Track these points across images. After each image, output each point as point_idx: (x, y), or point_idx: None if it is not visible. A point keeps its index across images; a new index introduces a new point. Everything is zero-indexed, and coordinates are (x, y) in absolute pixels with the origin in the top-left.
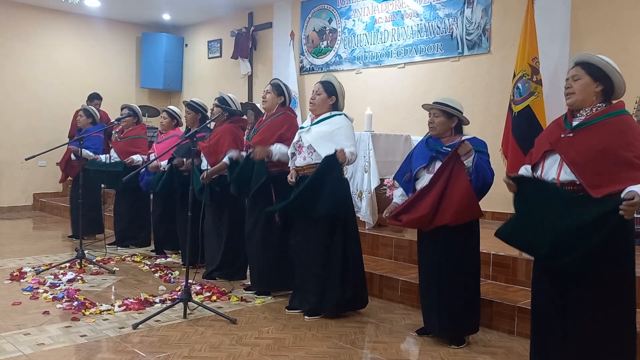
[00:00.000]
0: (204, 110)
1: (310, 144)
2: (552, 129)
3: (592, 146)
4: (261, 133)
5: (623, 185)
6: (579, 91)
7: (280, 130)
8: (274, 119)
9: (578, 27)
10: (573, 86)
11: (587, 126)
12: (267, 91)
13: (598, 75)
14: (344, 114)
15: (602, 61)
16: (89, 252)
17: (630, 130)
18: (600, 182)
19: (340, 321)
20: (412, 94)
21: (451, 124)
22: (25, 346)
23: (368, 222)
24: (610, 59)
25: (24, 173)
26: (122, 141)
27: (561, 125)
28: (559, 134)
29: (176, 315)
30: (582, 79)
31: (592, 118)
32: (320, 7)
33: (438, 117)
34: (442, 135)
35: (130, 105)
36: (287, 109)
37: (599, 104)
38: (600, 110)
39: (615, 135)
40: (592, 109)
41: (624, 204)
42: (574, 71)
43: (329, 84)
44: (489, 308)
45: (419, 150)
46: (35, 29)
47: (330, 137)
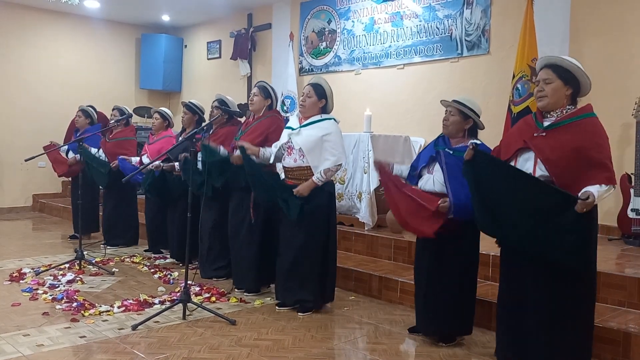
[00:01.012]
0: (201, 111)
1: (301, 148)
2: (522, 128)
3: (565, 145)
4: (249, 134)
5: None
6: (551, 94)
7: (267, 131)
8: (261, 121)
9: (577, 27)
10: (545, 89)
11: (559, 127)
12: (254, 94)
13: (568, 77)
14: (333, 118)
15: (572, 65)
16: (88, 253)
17: (599, 132)
18: (570, 180)
19: (340, 322)
20: (412, 95)
21: (465, 125)
22: (25, 347)
23: (367, 223)
24: (576, 59)
25: (24, 174)
26: (111, 142)
27: (532, 124)
28: (531, 133)
29: (175, 317)
30: (553, 82)
31: (563, 119)
32: (320, 8)
33: (453, 115)
34: (454, 135)
35: (120, 107)
36: (274, 111)
37: (568, 106)
38: (571, 112)
39: (586, 137)
40: (562, 111)
41: (579, 202)
42: (545, 74)
43: (319, 86)
44: (489, 309)
45: (428, 148)
46: (35, 30)
47: (320, 143)
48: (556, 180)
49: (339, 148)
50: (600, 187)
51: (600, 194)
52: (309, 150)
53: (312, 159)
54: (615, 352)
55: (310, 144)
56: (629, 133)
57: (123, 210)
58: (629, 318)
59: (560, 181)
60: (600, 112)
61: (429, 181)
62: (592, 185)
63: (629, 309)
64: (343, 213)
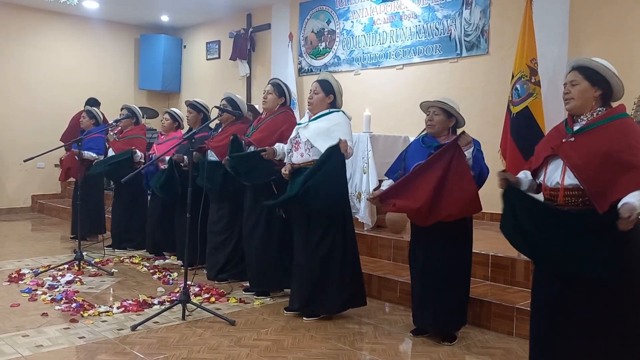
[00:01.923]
0: (206, 110)
1: (308, 140)
2: (552, 135)
3: (594, 150)
4: (261, 131)
5: (625, 192)
6: (578, 97)
7: (281, 128)
8: (274, 117)
9: (576, 28)
10: (572, 92)
11: (589, 130)
12: (268, 91)
13: (596, 79)
14: (342, 111)
15: (600, 65)
16: (87, 253)
17: (632, 133)
18: (603, 187)
19: (339, 322)
20: (411, 95)
21: (449, 123)
22: (24, 348)
23: (367, 223)
24: (607, 61)
25: (23, 175)
26: (121, 140)
27: (561, 130)
28: (560, 139)
29: (175, 317)
30: (580, 84)
31: (593, 122)
32: (319, 9)
33: (438, 115)
34: (440, 134)
35: (129, 106)
36: (287, 108)
37: (599, 108)
38: (601, 115)
39: (617, 138)
40: (592, 114)
41: (620, 222)
42: (572, 76)
43: (326, 82)
44: (488, 309)
45: (415, 148)
46: (34, 31)
47: (328, 133)
48: (586, 187)
49: (348, 135)
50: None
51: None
52: (315, 139)
53: (320, 145)
54: None
55: (317, 135)
56: None
57: (133, 214)
58: None
59: (591, 187)
60: None
61: None
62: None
63: None
64: None
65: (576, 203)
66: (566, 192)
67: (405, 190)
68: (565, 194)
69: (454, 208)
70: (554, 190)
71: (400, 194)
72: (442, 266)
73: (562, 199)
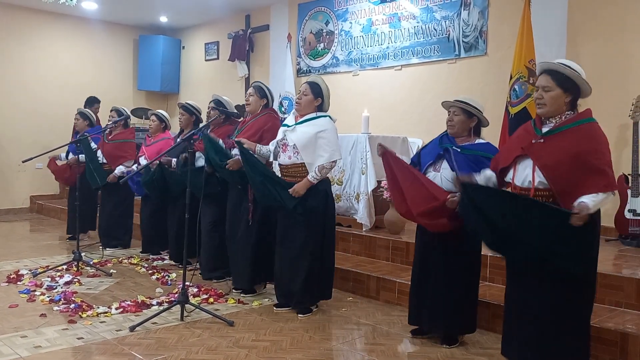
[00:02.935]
0: (198, 112)
1: (295, 144)
2: (521, 135)
3: (563, 151)
4: (245, 132)
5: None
6: (550, 103)
7: (262, 129)
8: (257, 119)
9: (574, 29)
10: (544, 97)
11: (558, 133)
12: (250, 94)
13: (568, 85)
14: (329, 115)
15: (573, 72)
16: (85, 254)
17: (598, 138)
18: (569, 187)
19: (338, 323)
20: (409, 96)
21: (470, 124)
22: (22, 349)
23: (365, 224)
24: (577, 65)
25: (21, 175)
26: (110, 144)
27: (530, 131)
28: (529, 140)
29: (173, 318)
30: (552, 90)
31: (562, 125)
32: (317, 10)
33: (458, 115)
34: (460, 134)
35: (118, 108)
36: (269, 109)
37: (567, 112)
38: (570, 118)
39: (585, 142)
40: (561, 117)
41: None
42: (544, 81)
43: (315, 85)
44: (487, 310)
45: (431, 146)
46: (32, 32)
47: (314, 140)
48: (555, 188)
49: (333, 145)
50: (596, 196)
51: (596, 203)
52: (303, 146)
53: (306, 156)
54: (612, 353)
55: (304, 141)
56: (626, 134)
57: (121, 212)
58: (626, 319)
59: (558, 188)
60: (597, 114)
61: (436, 179)
62: (588, 194)
63: (626, 310)
64: (341, 214)
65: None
66: (537, 192)
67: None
68: (535, 193)
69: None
70: (524, 190)
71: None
72: (444, 268)
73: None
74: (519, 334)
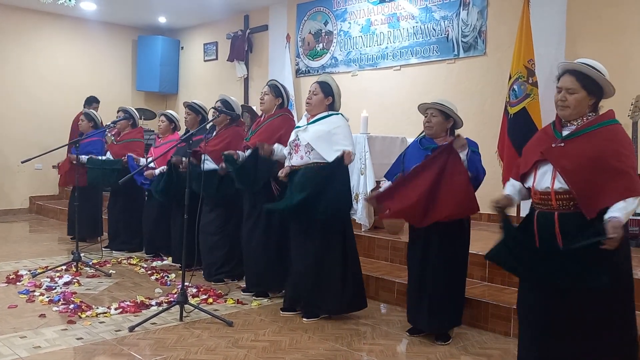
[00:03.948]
0: (204, 111)
1: (308, 143)
2: (540, 138)
3: (584, 155)
4: (260, 134)
5: (612, 198)
6: (574, 105)
7: (279, 132)
8: (272, 120)
9: (573, 29)
10: (568, 99)
11: (579, 136)
12: (264, 92)
13: (593, 88)
14: (341, 113)
15: (599, 74)
16: (85, 255)
17: (620, 140)
18: (591, 192)
19: (337, 323)
20: (408, 96)
21: (447, 125)
22: (22, 349)
23: (364, 224)
24: (601, 65)
25: (20, 176)
26: (119, 144)
27: (550, 134)
28: (549, 144)
29: (172, 318)
30: (577, 92)
31: (583, 128)
32: (316, 10)
33: (436, 117)
34: (438, 135)
35: (126, 108)
36: (285, 110)
37: (589, 114)
38: (591, 120)
39: (606, 145)
40: (583, 119)
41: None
42: (569, 82)
43: (325, 84)
44: (485, 310)
45: (412, 150)
46: (31, 32)
47: (328, 136)
48: (575, 191)
49: (349, 139)
50: (625, 205)
51: (628, 213)
52: (317, 143)
53: (322, 150)
54: None
55: (317, 139)
56: None
57: (129, 216)
58: None
59: (580, 192)
60: None
61: None
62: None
63: None
64: None
65: (568, 206)
66: (557, 195)
67: (400, 193)
68: (557, 197)
69: (450, 209)
70: (544, 194)
71: (394, 197)
72: (439, 266)
73: (554, 203)
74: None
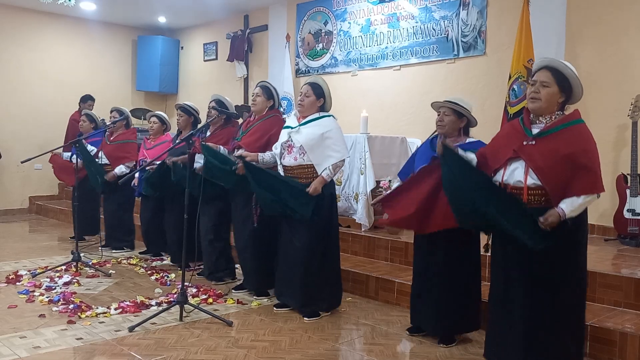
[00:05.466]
0: (196, 113)
1: (302, 145)
2: (510, 133)
3: (555, 153)
4: (251, 134)
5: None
6: (545, 99)
7: (270, 132)
8: (263, 121)
9: (573, 29)
10: (541, 92)
11: (549, 134)
12: (256, 94)
13: (565, 86)
14: (332, 115)
15: (572, 74)
16: (85, 255)
17: (587, 139)
18: (562, 187)
19: (337, 323)
20: (408, 96)
21: (460, 124)
22: (22, 349)
23: (364, 224)
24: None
25: (20, 176)
26: (112, 145)
27: (520, 130)
28: (520, 141)
29: (172, 318)
30: (550, 87)
31: (552, 127)
32: (316, 10)
33: (448, 115)
34: (450, 135)
35: (120, 108)
36: (275, 111)
37: (557, 112)
38: (559, 119)
39: (575, 143)
40: (551, 117)
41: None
42: (544, 76)
43: (317, 85)
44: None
45: (423, 150)
46: (31, 32)
47: (321, 140)
48: (548, 188)
49: (341, 144)
50: (575, 200)
51: (574, 208)
52: (311, 148)
53: (315, 157)
54: (611, 353)
55: (311, 142)
56: (625, 134)
57: (123, 214)
58: (625, 318)
59: (552, 189)
60: (596, 113)
61: None
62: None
63: (625, 309)
64: (340, 214)
65: (539, 202)
66: (530, 191)
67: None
68: (529, 193)
69: (446, 220)
70: (516, 189)
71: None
72: (445, 270)
73: (525, 198)
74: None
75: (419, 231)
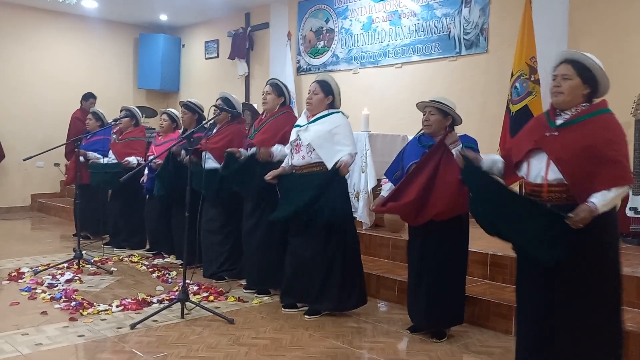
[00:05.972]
0: (200, 110)
1: (310, 143)
2: (534, 127)
3: (578, 144)
4: (264, 132)
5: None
6: (568, 92)
7: (283, 129)
8: (276, 118)
9: (575, 26)
10: (562, 86)
11: (572, 125)
12: (267, 92)
13: (588, 77)
14: (341, 112)
15: (595, 64)
16: (86, 252)
17: (612, 128)
18: (585, 181)
19: (338, 321)
20: (410, 94)
21: (446, 122)
22: (24, 346)
23: (365, 222)
24: (598, 59)
25: (22, 174)
26: (120, 143)
27: (544, 123)
28: (543, 132)
29: (174, 315)
30: (572, 79)
31: (576, 117)
32: (317, 7)
33: (434, 115)
34: (436, 133)
35: (129, 107)
36: (287, 108)
37: (583, 104)
38: (585, 110)
39: (599, 133)
40: (576, 109)
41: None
42: (564, 69)
43: (325, 83)
44: (487, 308)
45: (411, 147)
46: (32, 30)
47: (329, 136)
48: (570, 182)
49: (350, 138)
50: (606, 193)
51: (606, 202)
52: (319, 144)
53: (324, 153)
54: None
55: (319, 139)
56: (628, 132)
57: (130, 213)
58: (627, 317)
59: (574, 182)
60: None
61: None
62: (600, 190)
63: (627, 308)
64: None
65: (560, 198)
66: (550, 187)
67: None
68: (549, 189)
69: (440, 207)
70: (537, 187)
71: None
72: (437, 263)
73: (545, 195)
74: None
75: (413, 222)
